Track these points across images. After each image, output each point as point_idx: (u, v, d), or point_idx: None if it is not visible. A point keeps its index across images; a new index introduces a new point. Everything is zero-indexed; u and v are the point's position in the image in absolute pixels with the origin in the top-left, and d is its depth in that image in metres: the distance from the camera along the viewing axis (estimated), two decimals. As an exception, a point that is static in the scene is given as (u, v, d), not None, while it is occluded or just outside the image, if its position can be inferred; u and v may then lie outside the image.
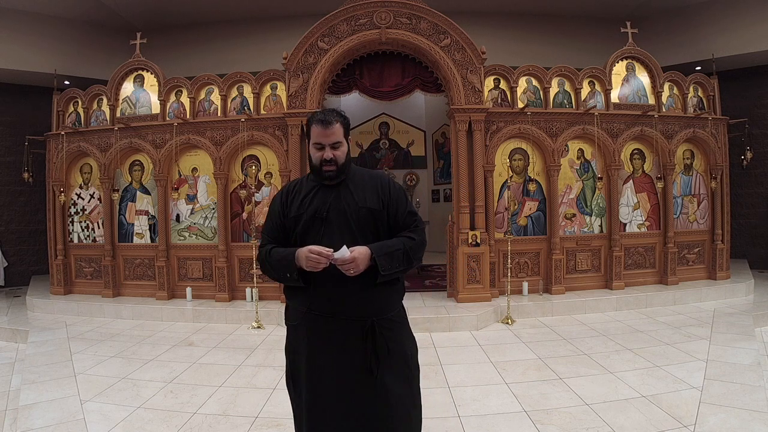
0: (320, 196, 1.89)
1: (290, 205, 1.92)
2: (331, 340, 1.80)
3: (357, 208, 1.86)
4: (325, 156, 1.85)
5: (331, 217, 1.84)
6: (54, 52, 7.86)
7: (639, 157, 6.50)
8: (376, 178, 1.97)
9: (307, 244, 1.79)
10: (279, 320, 5.50)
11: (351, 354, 1.79)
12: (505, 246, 5.75)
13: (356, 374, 1.78)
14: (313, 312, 1.82)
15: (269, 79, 6.26)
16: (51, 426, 2.94)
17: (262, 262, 1.92)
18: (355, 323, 1.79)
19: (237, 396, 3.44)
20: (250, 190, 6.07)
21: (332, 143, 1.86)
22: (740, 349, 4.13)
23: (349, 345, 1.79)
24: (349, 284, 1.76)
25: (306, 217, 1.86)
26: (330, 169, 1.86)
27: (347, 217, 1.84)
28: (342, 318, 1.79)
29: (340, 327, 1.80)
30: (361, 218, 1.85)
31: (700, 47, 7.92)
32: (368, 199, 1.88)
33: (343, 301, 1.79)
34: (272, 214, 1.98)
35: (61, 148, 6.53)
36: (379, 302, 1.83)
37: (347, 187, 1.90)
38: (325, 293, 1.80)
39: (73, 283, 6.78)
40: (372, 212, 1.86)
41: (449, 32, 5.83)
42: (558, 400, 3.24)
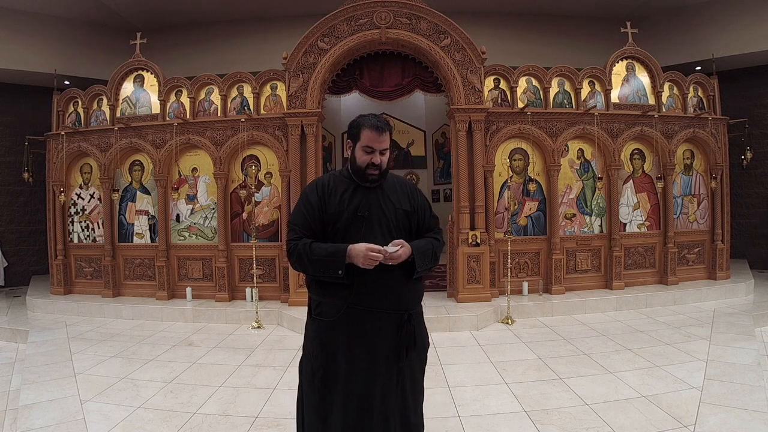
0: (360, 196, 1.97)
1: (328, 201, 1.96)
2: (368, 332, 1.90)
3: (395, 209, 2.00)
4: (374, 160, 1.95)
5: (371, 216, 1.94)
6: (54, 52, 7.87)
7: (639, 157, 6.50)
8: (405, 184, 2.13)
9: (348, 240, 1.87)
10: (279, 320, 5.50)
11: (384, 344, 1.91)
12: (505, 246, 5.75)
13: (387, 362, 1.91)
14: (354, 307, 1.89)
15: (269, 79, 6.26)
16: (51, 426, 2.94)
17: (299, 255, 1.90)
18: (392, 316, 1.91)
19: (237, 396, 3.44)
20: (250, 190, 6.07)
21: (382, 149, 1.96)
22: (740, 349, 4.13)
23: (384, 336, 1.91)
24: (388, 280, 1.90)
25: (347, 214, 1.93)
26: (374, 173, 1.96)
27: (387, 217, 1.97)
28: (381, 311, 1.90)
29: (379, 320, 1.90)
30: (399, 219, 1.99)
31: (700, 47, 7.92)
32: (403, 202, 2.03)
33: (384, 296, 1.91)
34: (308, 207, 1.97)
35: (61, 148, 6.53)
36: (412, 297, 2.00)
37: (382, 189, 2.02)
38: (367, 289, 1.88)
39: (73, 283, 6.78)
40: (407, 214, 2.02)
41: (449, 32, 5.83)
42: (558, 400, 3.24)
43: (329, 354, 1.92)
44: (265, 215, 6.27)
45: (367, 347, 1.90)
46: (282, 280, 6.07)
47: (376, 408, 1.89)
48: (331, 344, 1.92)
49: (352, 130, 2.01)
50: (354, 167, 1.99)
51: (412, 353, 1.94)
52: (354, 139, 2.00)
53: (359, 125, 1.97)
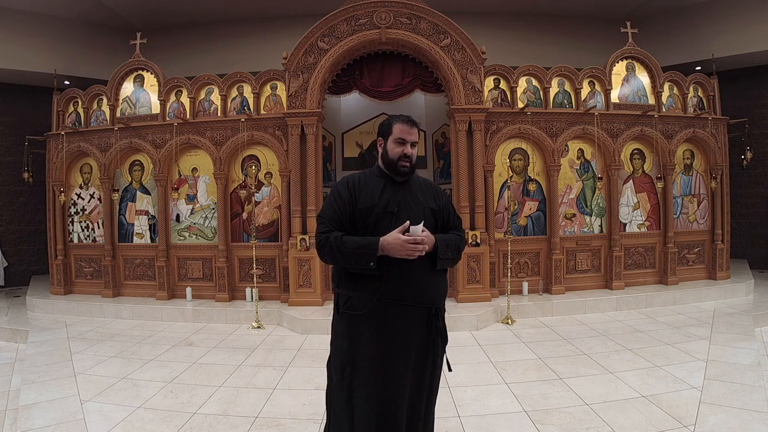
0: (389, 192, 2.05)
1: (359, 197, 2.04)
2: (398, 326, 1.95)
3: (423, 207, 2.07)
4: (406, 151, 2.05)
5: (400, 212, 2.00)
6: (54, 52, 7.87)
7: (639, 157, 6.50)
8: (431, 184, 2.23)
9: (377, 235, 1.93)
10: (279, 320, 5.50)
11: (414, 337, 1.96)
12: (505, 246, 5.75)
13: (418, 355, 1.98)
14: (384, 300, 1.93)
15: (269, 79, 6.26)
16: (51, 426, 2.94)
17: (331, 247, 1.95)
18: (421, 310, 1.97)
19: (237, 396, 3.44)
20: (250, 190, 6.07)
21: (413, 142, 2.08)
22: (740, 349, 4.12)
23: (413, 329, 1.96)
24: (416, 274, 1.95)
25: (377, 210, 2.00)
26: (405, 164, 2.05)
27: (416, 213, 2.01)
28: (410, 305, 1.95)
29: (408, 313, 1.95)
30: (427, 217, 2.04)
31: (700, 47, 7.92)
32: (429, 201, 2.11)
33: (412, 290, 1.95)
34: (338, 202, 2.04)
35: (61, 148, 6.53)
36: (439, 291, 2.04)
37: (411, 187, 2.11)
38: (397, 283, 1.93)
39: (73, 283, 6.78)
40: (434, 212, 2.10)
41: (449, 32, 5.83)
42: (558, 400, 3.24)
43: (358, 347, 1.97)
44: (265, 215, 6.27)
45: (396, 340, 1.94)
46: (282, 280, 6.07)
47: (405, 401, 1.96)
48: (361, 337, 1.97)
49: (383, 128, 2.13)
50: (387, 161, 2.09)
51: (441, 347, 2.03)
52: (385, 135, 2.11)
53: (390, 122, 2.11)
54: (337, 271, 2.06)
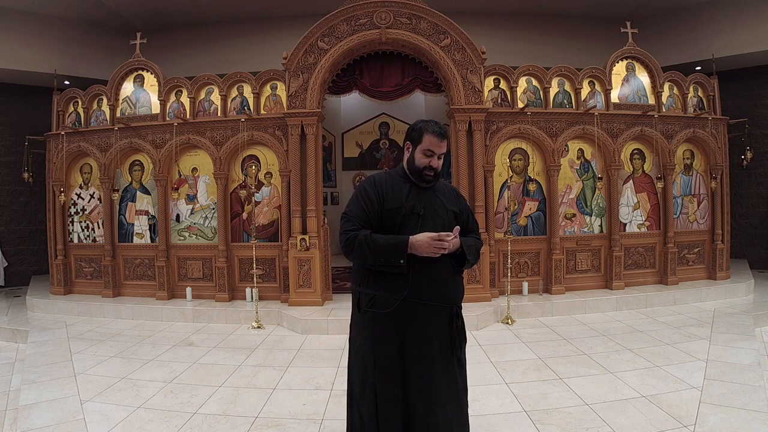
0: (415, 195, 2.11)
1: (386, 197, 2.08)
2: (421, 324, 2.01)
3: (446, 210, 2.14)
4: (432, 164, 2.09)
5: (426, 214, 2.07)
6: (54, 52, 7.87)
7: (639, 157, 6.50)
8: (452, 188, 2.32)
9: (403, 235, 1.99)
10: (279, 320, 5.51)
11: (438, 336, 2.02)
12: (505, 246, 5.75)
13: (444, 355, 2.03)
14: (410, 299, 1.98)
15: (269, 79, 6.26)
16: (51, 426, 2.94)
17: (360, 244, 1.98)
18: (444, 309, 2.04)
19: (237, 396, 3.44)
20: (250, 190, 6.07)
21: (440, 154, 2.10)
22: (740, 349, 4.13)
23: (437, 328, 2.02)
24: (440, 274, 2.02)
25: (404, 211, 2.05)
26: (430, 174, 2.10)
27: (440, 216, 2.10)
28: (434, 305, 2.02)
29: (432, 312, 2.02)
30: (448, 220, 2.12)
31: (700, 47, 7.92)
32: (451, 204, 2.18)
33: (436, 289, 2.02)
34: (366, 201, 2.08)
35: (61, 148, 6.53)
36: (459, 291, 2.14)
37: (435, 191, 2.17)
38: (421, 282, 1.99)
39: (73, 283, 6.78)
40: (455, 215, 2.17)
41: (449, 32, 5.83)
42: (558, 400, 3.24)
43: (380, 345, 2.02)
44: (265, 215, 6.27)
45: (420, 339, 2.00)
46: (282, 280, 6.07)
47: (436, 400, 2.00)
48: (384, 336, 2.01)
49: (414, 134, 2.13)
50: (412, 168, 2.13)
51: (465, 346, 2.11)
52: (414, 142, 2.11)
53: (422, 130, 2.09)
54: (360, 270, 2.09)
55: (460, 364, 2.11)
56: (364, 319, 2.06)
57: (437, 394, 2.01)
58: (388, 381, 2.00)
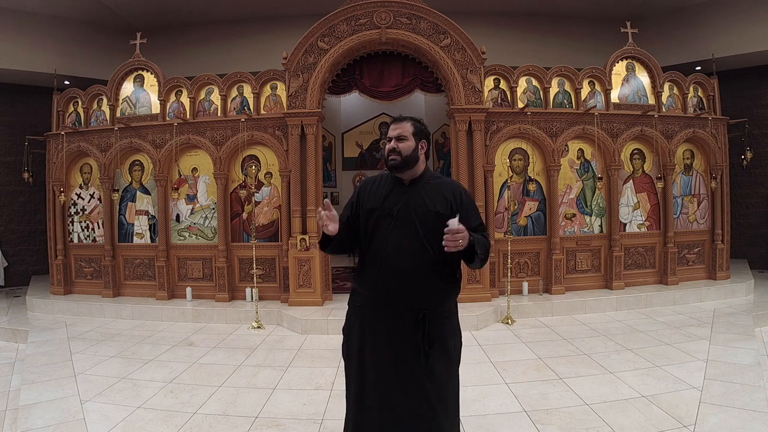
0: (394, 195, 2.04)
1: (366, 198, 2.09)
2: (384, 325, 1.95)
3: (426, 211, 1.97)
4: (389, 146, 2.05)
5: (400, 215, 1.97)
6: (54, 52, 7.86)
7: (639, 157, 6.50)
8: (450, 187, 2.08)
9: (375, 238, 1.99)
10: (279, 320, 5.51)
11: (400, 340, 1.93)
12: (505, 246, 5.75)
13: (403, 358, 1.92)
14: (377, 298, 1.97)
15: (269, 79, 6.25)
16: (51, 426, 2.94)
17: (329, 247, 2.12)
18: (409, 313, 1.92)
19: (237, 396, 3.44)
20: (250, 190, 6.07)
21: (397, 135, 2.04)
22: (740, 349, 4.13)
23: (400, 332, 1.93)
24: (409, 275, 1.91)
25: (379, 212, 2.01)
26: (394, 158, 2.03)
27: (415, 218, 1.96)
28: (398, 307, 1.93)
29: (396, 314, 1.93)
30: (429, 221, 1.95)
31: (700, 47, 7.92)
32: (438, 204, 1.99)
33: (403, 291, 1.93)
34: (350, 203, 2.16)
35: (61, 148, 6.53)
36: (431, 297, 1.95)
37: (420, 191, 2.03)
38: (386, 282, 1.95)
39: (73, 283, 6.78)
40: (440, 217, 1.92)
41: (449, 32, 5.83)
42: (558, 400, 3.24)
43: (352, 339, 2.05)
44: (265, 215, 6.26)
45: (384, 340, 1.95)
46: (282, 280, 6.07)
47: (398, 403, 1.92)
48: (355, 331, 2.04)
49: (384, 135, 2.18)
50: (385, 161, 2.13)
51: (432, 355, 1.91)
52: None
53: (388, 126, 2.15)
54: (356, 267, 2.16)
55: (432, 377, 1.91)
56: (347, 313, 2.13)
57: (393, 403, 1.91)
58: (354, 376, 2.03)
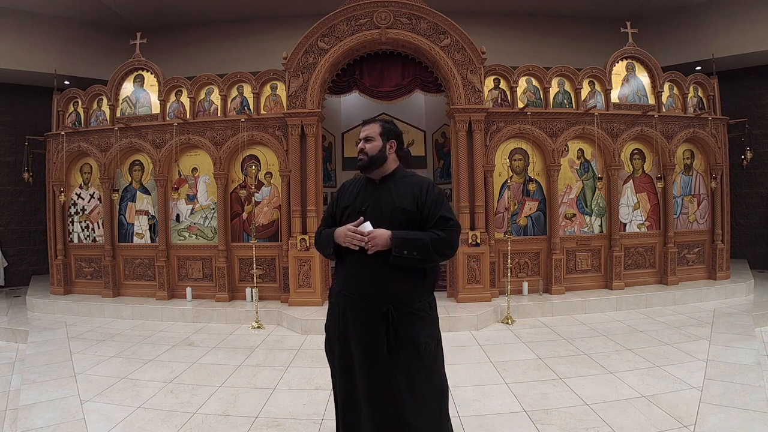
0: (366, 193, 2.15)
1: (342, 197, 2.22)
2: (355, 319, 2.03)
3: (393, 207, 2.06)
4: (358, 147, 2.18)
5: (369, 212, 2.07)
6: (54, 52, 7.86)
7: (639, 157, 6.50)
8: (418, 183, 2.14)
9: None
10: (279, 320, 5.51)
11: (370, 334, 1.99)
12: (505, 246, 5.75)
13: (373, 352, 1.98)
14: (344, 292, 2.07)
15: (269, 79, 6.26)
16: (51, 426, 2.94)
17: (316, 240, 2.25)
18: (374, 307, 1.98)
19: (237, 396, 3.44)
20: (250, 190, 6.07)
21: (365, 137, 2.16)
22: (740, 349, 4.13)
23: (369, 326, 1.99)
24: (371, 272, 2.00)
25: (351, 209, 2.13)
26: (362, 158, 2.14)
27: (383, 214, 2.05)
28: (364, 300, 2.01)
29: (363, 308, 2.01)
30: (395, 217, 2.04)
31: (700, 47, 7.92)
32: (404, 201, 2.07)
33: (367, 286, 2.01)
34: (330, 203, 2.29)
35: (61, 148, 6.53)
36: (396, 291, 2.00)
37: (390, 188, 2.13)
38: (353, 277, 2.05)
39: (73, 283, 6.78)
40: (405, 213, 2.04)
41: (449, 32, 5.83)
42: (558, 400, 3.24)
43: (331, 335, 2.15)
44: (265, 215, 6.27)
45: (356, 335, 2.02)
46: (282, 280, 6.07)
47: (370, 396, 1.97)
48: (332, 326, 2.14)
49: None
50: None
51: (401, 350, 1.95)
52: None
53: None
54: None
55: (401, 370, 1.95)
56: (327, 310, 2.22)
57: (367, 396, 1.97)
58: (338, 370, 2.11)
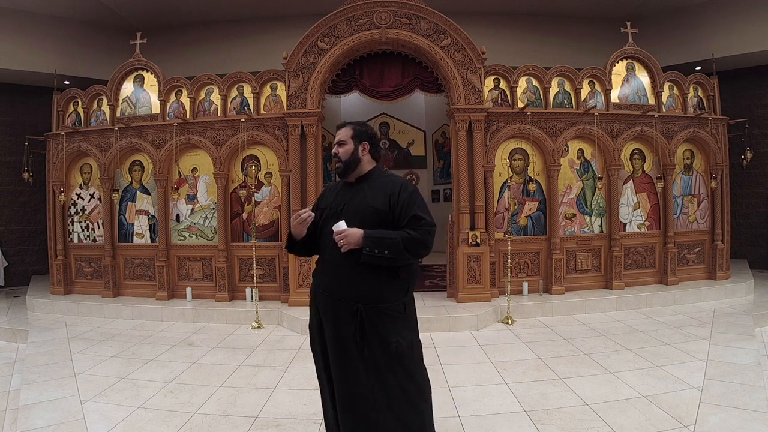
0: (342, 194, 2.19)
1: (323, 200, 2.28)
2: (328, 317, 2.06)
3: (366, 207, 2.08)
4: (333, 152, 2.22)
5: (344, 212, 2.09)
6: (54, 52, 7.86)
7: (639, 157, 6.50)
8: (392, 183, 2.14)
9: (323, 234, 2.13)
10: (279, 320, 5.50)
11: (342, 331, 2.02)
12: (505, 246, 5.75)
13: (345, 349, 2.01)
14: (319, 290, 2.11)
15: (269, 79, 6.26)
16: (51, 426, 2.94)
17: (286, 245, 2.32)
18: (346, 305, 2.00)
19: (237, 396, 3.44)
20: (250, 190, 6.07)
21: (337, 141, 2.20)
22: (740, 349, 4.13)
23: (342, 323, 2.01)
24: (344, 271, 2.02)
25: (328, 210, 2.16)
26: (338, 163, 2.20)
27: (356, 214, 2.07)
28: (337, 298, 2.03)
29: (336, 306, 2.03)
30: (368, 216, 2.05)
31: (700, 47, 7.92)
32: (377, 200, 2.08)
33: (339, 284, 2.04)
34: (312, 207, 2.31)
35: (61, 148, 6.53)
36: (367, 290, 2.01)
37: (364, 188, 2.15)
38: (328, 275, 2.09)
39: (73, 283, 6.78)
40: (377, 212, 2.05)
41: (449, 32, 5.83)
42: (558, 400, 3.24)
43: (312, 332, 2.20)
44: (265, 215, 6.27)
45: (331, 332, 2.05)
46: (282, 280, 6.07)
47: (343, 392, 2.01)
48: (313, 324, 2.18)
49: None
50: None
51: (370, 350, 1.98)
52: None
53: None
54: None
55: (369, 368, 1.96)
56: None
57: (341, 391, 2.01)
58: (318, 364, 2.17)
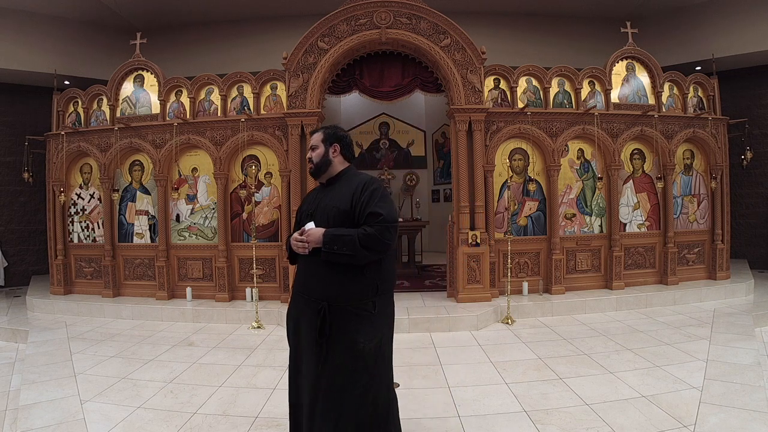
0: (319, 196, 2.25)
1: (304, 203, 2.35)
2: (301, 315, 2.13)
3: (331, 207, 2.12)
4: (307, 156, 2.33)
5: (315, 214, 2.16)
6: (54, 52, 7.86)
7: (639, 157, 6.50)
8: (357, 182, 2.15)
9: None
10: (279, 320, 5.50)
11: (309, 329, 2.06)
12: (505, 246, 5.75)
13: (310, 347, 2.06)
14: (295, 289, 2.20)
15: (269, 79, 6.26)
16: (51, 426, 2.94)
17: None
18: (313, 303, 2.05)
19: (237, 396, 3.44)
20: (250, 190, 6.07)
21: (310, 146, 2.30)
22: (740, 349, 4.13)
23: (308, 321, 2.06)
24: (311, 270, 2.09)
25: (304, 213, 2.25)
26: (310, 166, 2.28)
27: (323, 214, 2.13)
28: (307, 297, 2.09)
29: (307, 305, 2.08)
30: (332, 216, 2.10)
31: (700, 47, 7.92)
32: (342, 200, 2.11)
33: (309, 283, 2.11)
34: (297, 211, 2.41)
35: (61, 148, 6.53)
36: (333, 289, 2.03)
37: (334, 188, 2.21)
38: (301, 274, 2.17)
39: (73, 283, 6.78)
40: (341, 212, 2.09)
41: (449, 32, 5.83)
42: (558, 400, 3.24)
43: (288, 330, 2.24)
44: (265, 215, 6.27)
45: (301, 330, 2.12)
46: (282, 280, 6.07)
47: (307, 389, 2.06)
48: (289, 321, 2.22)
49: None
50: None
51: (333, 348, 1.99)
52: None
53: None
54: None
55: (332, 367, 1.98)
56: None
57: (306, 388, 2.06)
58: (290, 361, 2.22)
